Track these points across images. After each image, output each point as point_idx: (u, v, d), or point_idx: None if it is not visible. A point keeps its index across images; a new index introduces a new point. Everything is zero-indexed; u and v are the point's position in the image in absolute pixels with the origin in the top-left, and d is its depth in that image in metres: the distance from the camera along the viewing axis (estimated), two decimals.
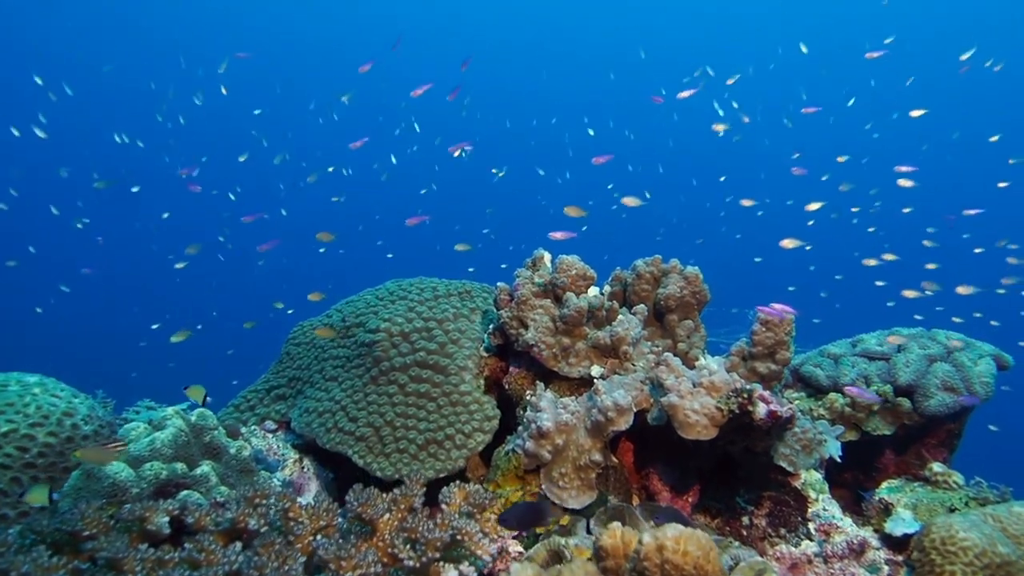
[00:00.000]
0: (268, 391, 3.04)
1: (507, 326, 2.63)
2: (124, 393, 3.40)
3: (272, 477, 2.41)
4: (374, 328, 2.80)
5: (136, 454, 1.94)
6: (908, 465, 3.03)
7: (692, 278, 2.69)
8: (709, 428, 2.10)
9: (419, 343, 2.73)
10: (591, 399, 2.31)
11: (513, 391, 2.63)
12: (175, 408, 2.15)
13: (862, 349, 3.17)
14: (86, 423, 2.25)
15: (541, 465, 2.25)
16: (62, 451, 2.14)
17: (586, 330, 2.57)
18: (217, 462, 2.16)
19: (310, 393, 2.81)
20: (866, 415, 2.87)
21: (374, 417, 2.55)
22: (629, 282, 2.81)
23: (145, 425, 2.06)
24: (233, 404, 3.08)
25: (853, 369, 3.06)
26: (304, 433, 2.65)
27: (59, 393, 2.27)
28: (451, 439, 2.47)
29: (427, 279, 3.29)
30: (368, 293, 3.25)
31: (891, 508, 2.60)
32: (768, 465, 2.47)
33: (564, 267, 2.65)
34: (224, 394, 4.34)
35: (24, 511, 2.03)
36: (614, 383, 2.38)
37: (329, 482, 2.67)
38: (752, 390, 2.08)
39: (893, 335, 3.25)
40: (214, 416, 2.23)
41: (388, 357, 2.70)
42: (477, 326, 2.94)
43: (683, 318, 2.70)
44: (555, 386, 2.55)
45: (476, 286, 3.22)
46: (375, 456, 2.45)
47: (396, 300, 3.03)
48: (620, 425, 2.20)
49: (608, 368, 2.52)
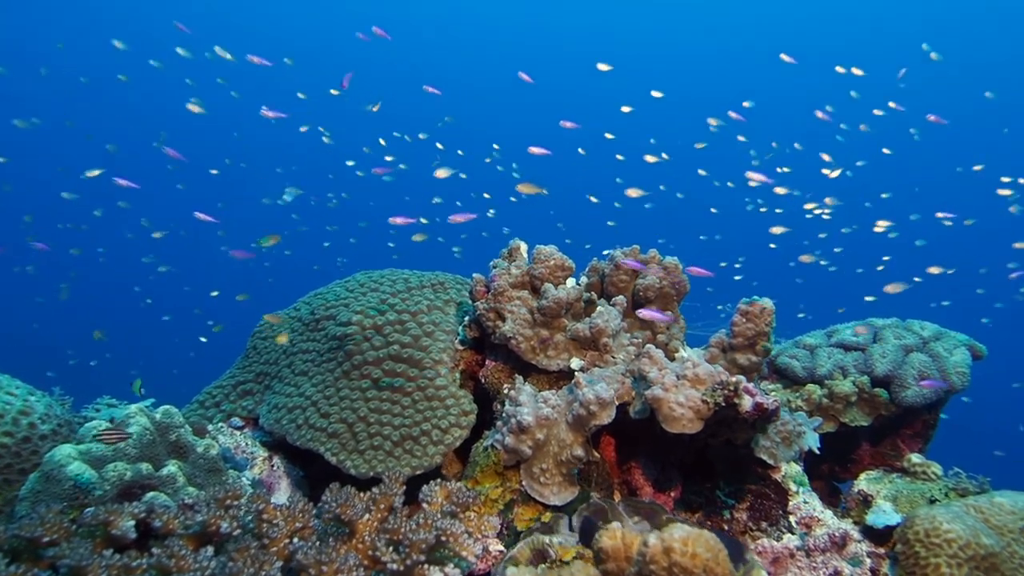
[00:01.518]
0: (234, 387, 2.93)
1: (484, 318, 2.56)
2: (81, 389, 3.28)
3: (241, 476, 2.32)
4: (345, 321, 2.71)
5: (98, 454, 1.84)
6: (884, 456, 3.03)
7: (672, 268, 2.65)
8: (694, 421, 2.06)
9: (392, 336, 2.65)
10: (571, 392, 2.25)
11: (490, 385, 2.56)
12: (139, 405, 2.04)
13: (838, 340, 3.16)
14: (43, 422, 2.14)
15: (521, 461, 2.19)
16: (18, 452, 2.02)
17: (565, 322, 2.51)
18: (184, 461, 2.06)
19: (279, 388, 2.72)
20: (843, 406, 2.86)
21: (347, 413, 2.46)
22: (607, 273, 2.76)
23: (107, 423, 1.96)
24: (197, 400, 2.97)
25: (829, 360, 3.04)
26: (273, 430, 2.56)
27: (14, 391, 2.15)
28: (427, 435, 2.40)
29: (398, 271, 3.20)
30: (337, 285, 3.16)
31: (871, 500, 2.59)
32: (748, 458, 2.44)
33: (542, 257, 2.58)
34: (185, 392, 4.22)
35: None
36: (595, 376, 2.32)
37: (299, 480, 2.58)
38: (738, 382, 2.04)
39: (865, 325, 3.24)
40: (180, 413, 2.13)
41: (360, 351, 2.61)
42: (452, 318, 2.86)
43: (663, 309, 2.65)
44: (533, 379, 2.49)
45: (449, 277, 3.14)
46: (348, 453, 2.37)
47: (367, 292, 2.94)
48: (602, 419, 2.14)
49: (588, 361, 2.46)
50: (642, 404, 2.19)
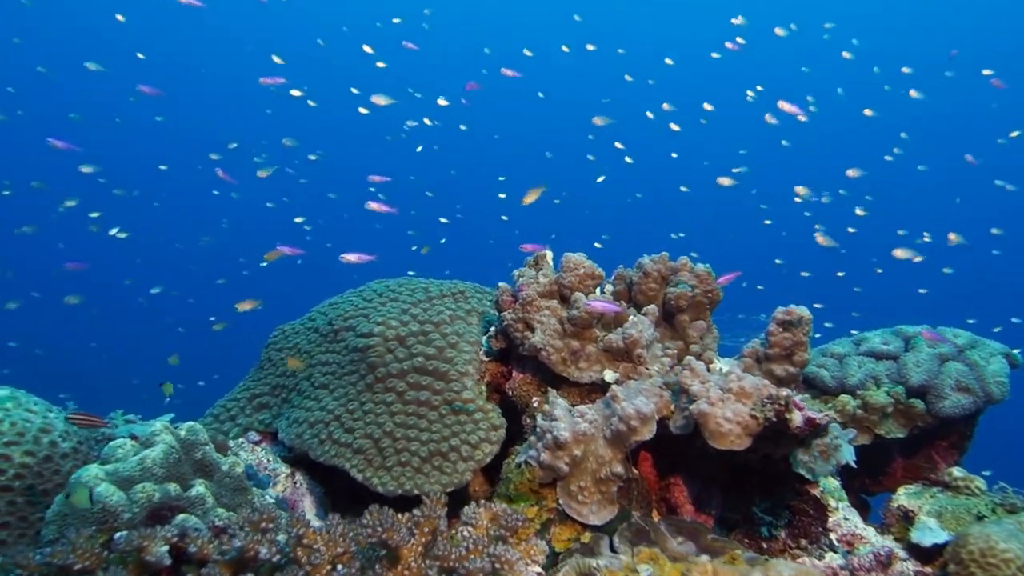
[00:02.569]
0: (249, 400, 2.83)
1: (511, 329, 2.47)
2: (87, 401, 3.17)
3: (265, 494, 2.22)
4: (367, 332, 2.62)
5: (125, 474, 1.74)
6: (918, 469, 2.95)
7: (704, 276, 2.56)
8: (743, 437, 1.97)
9: (416, 348, 2.56)
10: (608, 406, 2.16)
11: (518, 398, 2.47)
12: (163, 422, 1.95)
13: (867, 348, 3.07)
14: (64, 440, 2.04)
15: (558, 478, 2.10)
16: (40, 472, 1.93)
17: (596, 332, 2.42)
18: (209, 480, 1.96)
19: (298, 402, 2.62)
20: (878, 418, 2.78)
21: (372, 428, 2.37)
22: (635, 281, 2.67)
23: (131, 442, 1.86)
24: (211, 414, 2.87)
25: (860, 369, 2.96)
26: (294, 445, 2.46)
27: (33, 408, 2.05)
28: (456, 450, 2.30)
29: (414, 279, 3.11)
30: (352, 295, 3.06)
31: (912, 516, 2.50)
32: (786, 473, 2.35)
33: (571, 265, 2.50)
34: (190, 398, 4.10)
35: (2, 539, 1.82)
36: (631, 389, 2.23)
37: (321, 497, 2.48)
38: (789, 397, 1.96)
39: (895, 333, 3.16)
40: (204, 430, 2.03)
41: (384, 363, 2.52)
42: (475, 329, 2.77)
43: (695, 318, 2.57)
44: (564, 392, 2.40)
45: (469, 286, 3.05)
46: (375, 470, 2.27)
47: (387, 302, 2.84)
48: (644, 435, 2.05)
49: (622, 373, 2.37)
50: (684, 419, 2.10)
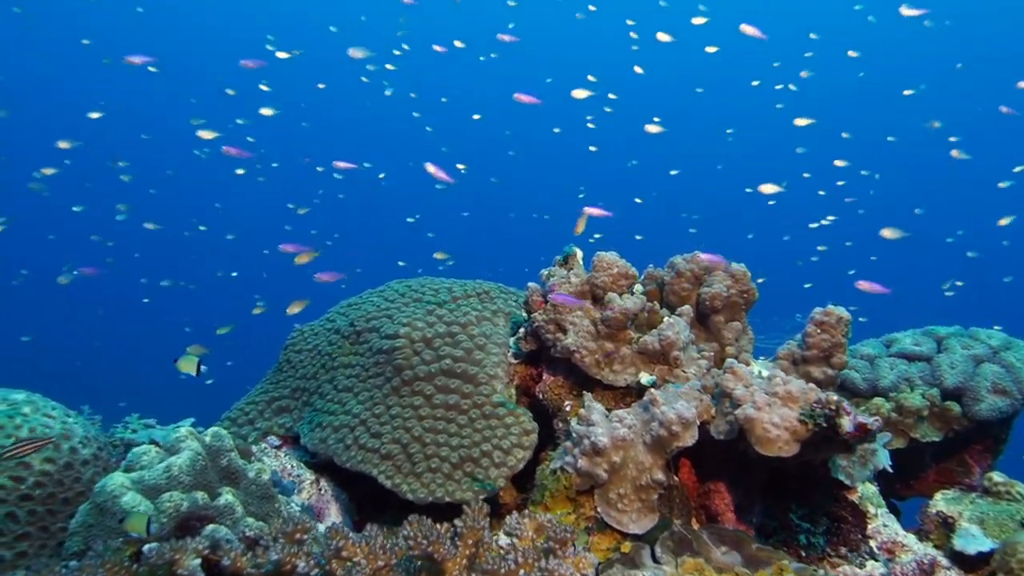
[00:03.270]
0: (268, 403, 2.76)
1: (543, 330, 2.39)
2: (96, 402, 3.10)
3: (291, 502, 2.15)
4: (392, 334, 2.54)
5: (151, 483, 1.67)
6: (952, 473, 2.88)
7: (740, 276, 2.49)
8: (791, 443, 1.90)
9: (443, 350, 2.48)
10: (647, 411, 2.09)
11: (549, 401, 2.40)
12: (188, 427, 1.87)
13: (898, 349, 3.00)
14: (84, 446, 1.97)
15: (596, 485, 2.03)
16: (61, 480, 1.85)
17: (631, 334, 2.35)
18: (236, 488, 1.89)
19: (320, 405, 2.55)
20: (914, 421, 2.71)
21: (400, 432, 2.29)
22: (666, 281, 2.60)
23: (155, 448, 1.79)
24: (229, 417, 2.79)
25: (892, 371, 2.89)
26: (318, 451, 2.39)
27: (52, 413, 1.98)
28: (488, 456, 2.23)
29: (436, 279, 3.04)
30: (373, 295, 2.99)
31: (952, 522, 2.43)
32: (823, 478, 2.29)
33: (603, 265, 2.43)
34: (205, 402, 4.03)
35: (22, 551, 1.75)
36: (670, 393, 2.16)
37: (347, 504, 2.41)
38: (840, 402, 1.89)
39: (925, 333, 3.10)
40: (230, 436, 1.96)
41: (411, 365, 2.45)
42: (501, 330, 2.70)
43: (730, 319, 2.50)
44: (598, 395, 2.33)
45: (493, 286, 2.97)
46: (404, 476, 2.20)
47: (410, 302, 2.77)
48: (686, 440, 1.98)
49: (657, 375, 2.30)
50: (727, 423, 2.03)
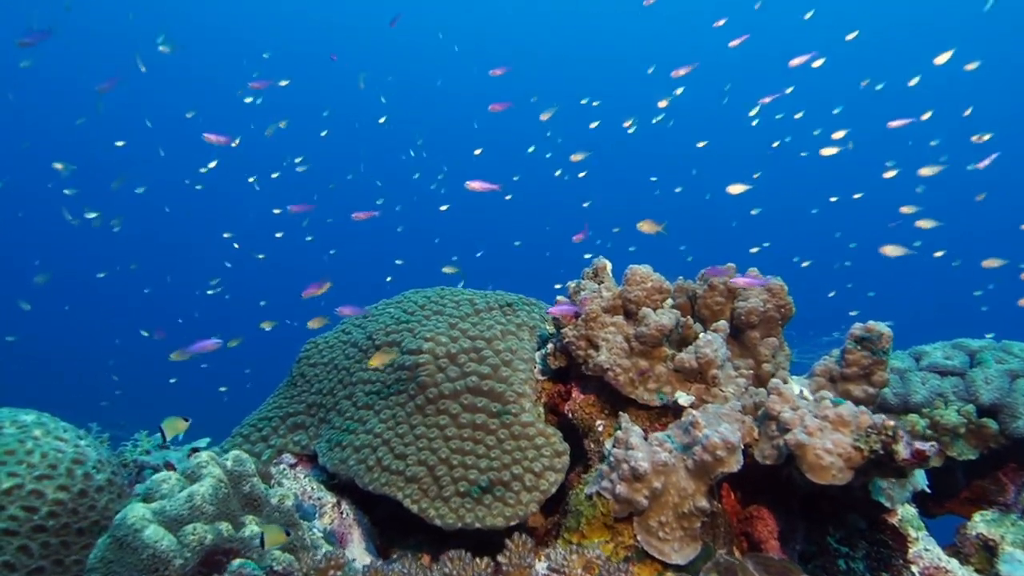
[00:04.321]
0: (283, 419, 2.65)
1: (573, 347, 2.30)
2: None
3: (312, 527, 2.05)
4: (415, 349, 2.44)
5: (173, 514, 1.56)
6: (984, 491, 2.80)
7: (777, 290, 2.40)
8: (844, 471, 1.81)
9: (469, 366, 2.38)
10: (687, 433, 1.99)
11: (579, 420, 2.30)
12: (209, 453, 1.77)
13: (929, 363, 2.92)
14: (98, 471, 1.86)
15: (635, 512, 1.93)
16: (75, 508, 1.74)
17: (665, 351, 2.26)
18: (258, 515, 1.78)
19: (339, 423, 2.44)
20: (950, 439, 2.62)
21: (425, 454, 2.19)
22: (699, 294, 2.50)
23: (175, 475, 1.68)
24: (240, 434, 2.68)
25: (924, 386, 2.81)
26: (338, 472, 2.28)
27: (63, 435, 1.87)
28: (519, 479, 2.13)
29: (455, 290, 2.94)
30: (390, 306, 2.88)
31: (994, 546, 2.35)
32: (862, 501, 2.20)
33: (637, 279, 2.33)
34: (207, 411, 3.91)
35: None
36: (711, 414, 2.07)
37: (369, 528, 2.31)
38: (896, 427, 1.80)
39: (956, 346, 3.01)
40: (251, 460, 1.85)
41: (435, 383, 2.34)
42: (527, 344, 2.59)
43: (766, 335, 2.40)
44: (631, 415, 2.23)
45: (515, 298, 2.87)
46: (432, 501, 2.10)
47: (431, 315, 2.67)
48: (731, 466, 1.89)
49: (694, 395, 2.21)
50: (774, 448, 1.94)
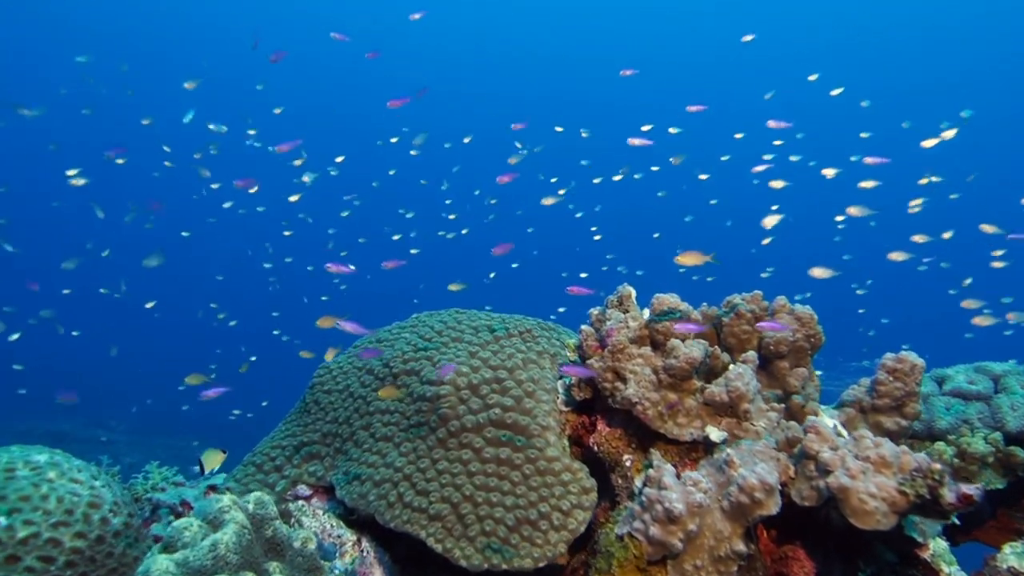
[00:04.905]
0: (296, 448, 2.58)
1: (599, 379, 2.24)
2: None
3: (333, 567, 1.98)
4: (436, 380, 2.37)
5: (197, 565, 1.49)
6: (1008, 519, 2.75)
7: (806, 319, 2.34)
8: (889, 516, 1.75)
9: (491, 398, 2.32)
10: (721, 471, 1.94)
11: (605, 454, 2.24)
12: (231, 497, 1.70)
13: (952, 388, 2.87)
14: (114, 514, 1.80)
15: (669, 555, 1.87)
16: (92, 557, 1.68)
17: (695, 383, 2.20)
18: (281, 560, 1.72)
19: (356, 455, 2.37)
20: (978, 468, 2.57)
21: (448, 490, 2.13)
22: (724, 322, 2.45)
23: (197, 522, 1.61)
24: (253, 463, 2.61)
25: (949, 412, 2.76)
26: (357, 507, 2.22)
27: (78, 476, 1.80)
28: (546, 518, 2.07)
29: (471, 312, 2.87)
30: (404, 331, 2.81)
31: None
32: (895, 535, 2.15)
33: (665, 308, 2.27)
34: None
35: None
36: (745, 452, 2.01)
37: (390, 567, 2.24)
38: (943, 471, 1.74)
39: (978, 370, 2.97)
40: (272, 501, 1.79)
41: (457, 415, 2.28)
42: (548, 374, 2.53)
43: (795, 365, 2.35)
44: (660, 449, 2.17)
45: (533, 323, 2.81)
46: (456, 540, 2.03)
47: (449, 342, 2.60)
48: (769, 508, 1.83)
49: (725, 428, 2.15)
50: (813, 489, 1.88)
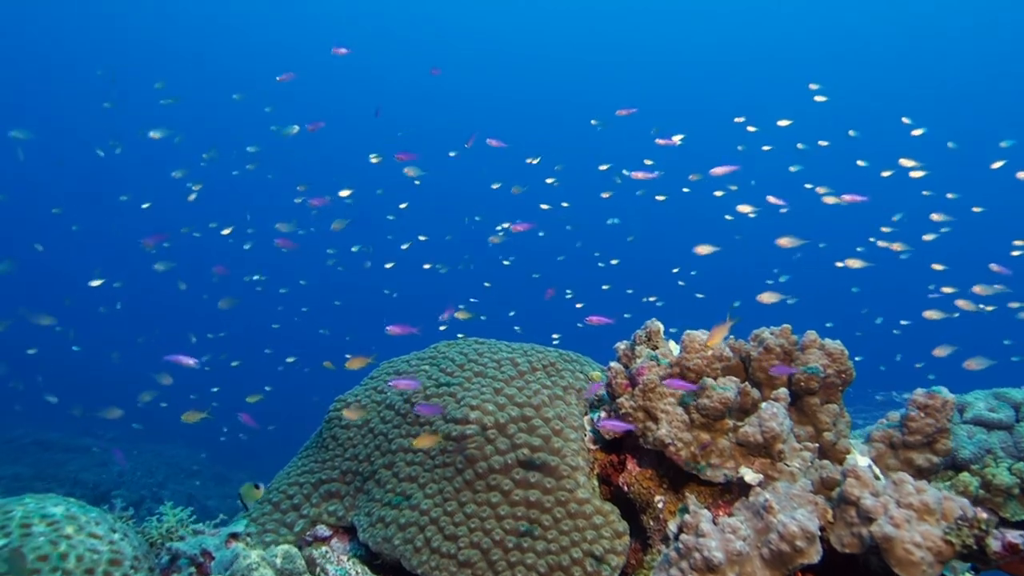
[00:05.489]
0: (315, 486, 2.53)
1: (631, 418, 2.20)
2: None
3: None
4: (461, 418, 2.33)
5: None
6: None
7: (837, 355, 2.31)
8: (935, 566, 1.72)
9: (519, 437, 2.27)
10: (760, 518, 1.90)
11: (636, 495, 2.21)
12: (258, 553, 1.66)
13: (973, 416, 2.84)
14: (135, 569, 1.74)
15: None
16: None
17: (728, 423, 2.16)
18: None
19: (379, 495, 2.32)
20: (1003, 500, 2.55)
21: (478, 535, 2.08)
22: (753, 356, 2.41)
23: None
24: (271, 502, 2.55)
25: (971, 441, 2.73)
26: (381, 551, 2.17)
27: (96, 531, 1.75)
28: (579, 564, 2.02)
29: (491, 344, 2.82)
30: (423, 363, 2.76)
31: None
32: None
33: (696, 346, 2.24)
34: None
35: None
36: (782, 496, 1.98)
37: None
38: (989, 521, 1.71)
39: (998, 396, 2.95)
40: (300, 555, 1.74)
41: (485, 456, 2.23)
42: (575, 410, 2.49)
43: (826, 401, 2.32)
44: (693, 491, 2.14)
45: (556, 356, 2.76)
46: None
47: (472, 377, 2.55)
48: (811, 557, 1.80)
49: (759, 469, 2.12)
50: (854, 536, 1.85)
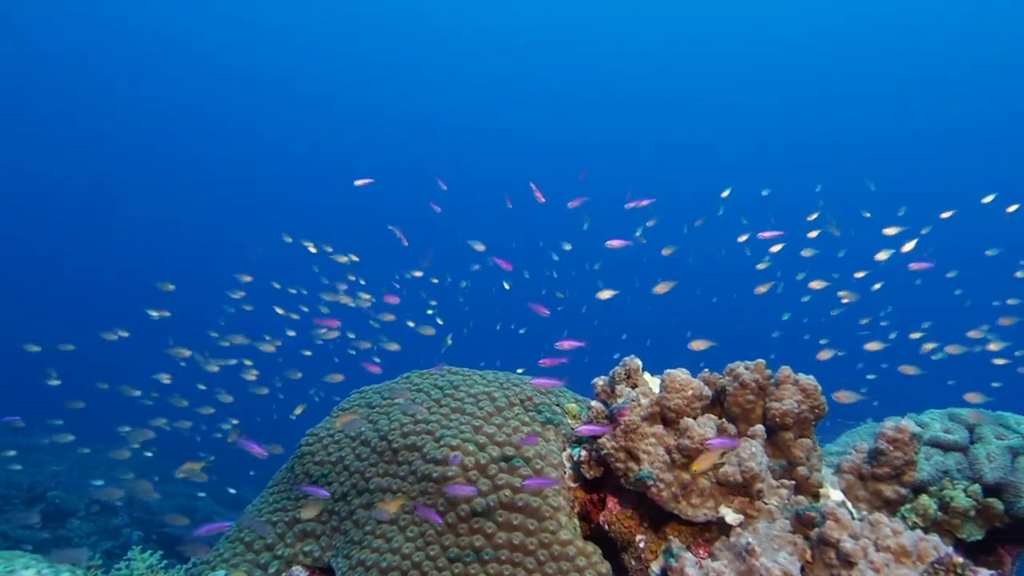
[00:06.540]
0: (289, 524, 2.49)
1: (612, 459, 2.22)
2: None
3: None
4: (441, 459, 2.32)
5: None
6: (985, 564, 2.85)
7: (811, 390, 2.37)
8: None
9: (500, 478, 2.28)
10: (743, 560, 1.94)
11: (617, 534, 2.23)
12: None
13: (930, 437, 2.95)
14: None
15: None
16: None
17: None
18: None
19: (358, 537, 2.30)
20: (961, 521, 2.66)
21: None
22: (728, 391, 2.45)
23: None
24: (241, 540, 2.51)
25: (929, 463, 2.83)
26: None
27: None
28: None
29: (464, 374, 2.81)
30: (399, 395, 2.74)
31: None
32: None
33: (676, 386, 2.27)
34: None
35: None
36: (763, 537, 2.02)
37: None
38: (965, 565, 1.78)
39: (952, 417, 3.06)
40: None
41: (467, 498, 2.23)
42: (554, 446, 2.50)
43: (799, 436, 2.38)
44: (673, 530, 2.17)
45: (530, 387, 2.76)
46: None
47: (450, 413, 2.54)
48: None
49: (737, 507, 2.16)
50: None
